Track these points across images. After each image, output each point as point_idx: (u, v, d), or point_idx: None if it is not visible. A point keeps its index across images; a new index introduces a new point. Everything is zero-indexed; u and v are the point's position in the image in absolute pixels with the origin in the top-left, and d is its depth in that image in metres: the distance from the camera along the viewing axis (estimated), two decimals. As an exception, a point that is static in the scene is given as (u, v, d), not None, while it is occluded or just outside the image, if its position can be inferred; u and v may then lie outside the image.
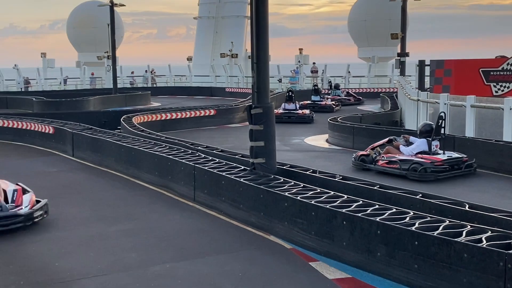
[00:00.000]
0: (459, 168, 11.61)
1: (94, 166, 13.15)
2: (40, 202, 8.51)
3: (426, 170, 11.26)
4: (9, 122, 17.53)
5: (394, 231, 6.04)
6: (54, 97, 28.33)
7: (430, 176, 11.21)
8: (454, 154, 11.90)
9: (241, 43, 44.84)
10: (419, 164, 11.35)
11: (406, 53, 31.21)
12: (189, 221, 8.60)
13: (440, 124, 11.81)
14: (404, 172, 11.45)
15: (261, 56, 9.38)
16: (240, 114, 21.76)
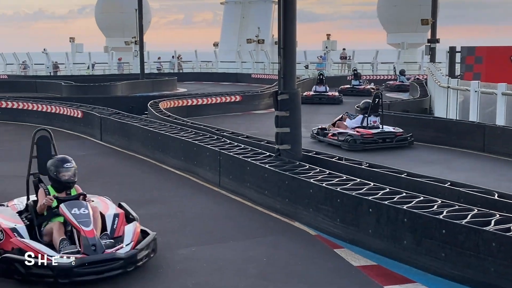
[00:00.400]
0: (391, 141, 13.45)
1: (121, 150, 13.27)
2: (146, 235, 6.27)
3: (356, 141, 13.11)
4: (39, 106, 17.78)
5: (421, 219, 5.97)
6: (82, 82, 28.63)
7: (358, 147, 13.04)
8: (390, 128, 13.75)
9: (267, 28, 44.58)
10: (350, 136, 13.24)
11: (436, 39, 30.66)
12: (214, 206, 8.63)
13: (377, 102, 13.86)
14: (339, 143, 13.31)
15: (288, 41, 9.30)
16: (265, 101, 21.70)
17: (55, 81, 29.69)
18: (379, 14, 46.04)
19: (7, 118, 18.06)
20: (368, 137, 13.26)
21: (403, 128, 14.07)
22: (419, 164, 11.56)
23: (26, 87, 28.41)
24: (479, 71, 18.85)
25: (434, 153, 13.13)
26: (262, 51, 40.78)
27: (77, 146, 14.07)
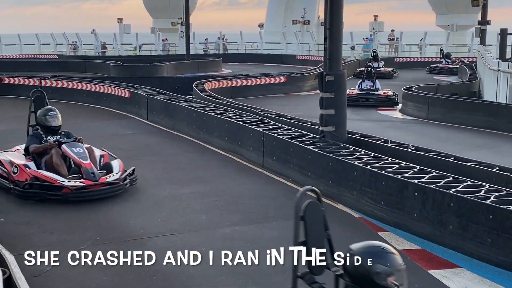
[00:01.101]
0: (373, 100, 17.47)
1: (167, 130, 13.46)
2: None
3: None
4: (87, 85, 18.17)
5: (468, 204, 5.88)
6: (129, 62, 29.05)
7: None
8: (380, 92, 17.69)
9: (313, 9, 44.05)
10: None
11: (487, 21, 29.73)
12: (258, 187, 8.69)
13: (369, 70, 18.20)
14: None
15: (335, 22, 9.21)
16: (310, 82, 21.56)
17: (103, 61, 30.23)
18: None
19: (56, 97, 18.48)
20: (352, 96, 16.84)
21: (452, 111, 13.80)
22: (467, 148, 11.33)
23: (75, 67, 29.03)
24: (532, 54, 18.22)
25: (483, 137, 12.84)
26: (308, 32, 40.39)
27: (124, 125, 14.35)
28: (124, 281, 5.36)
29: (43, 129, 8.51)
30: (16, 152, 8.75)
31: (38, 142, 8.37)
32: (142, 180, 8.99)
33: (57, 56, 36.50)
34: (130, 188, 8.52)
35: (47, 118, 8.49)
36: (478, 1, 30.08)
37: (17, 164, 8.06)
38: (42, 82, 19.17)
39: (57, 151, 8.08)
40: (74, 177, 7.81)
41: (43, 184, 7.70)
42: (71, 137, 8.47)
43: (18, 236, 6.50)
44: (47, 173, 7.84)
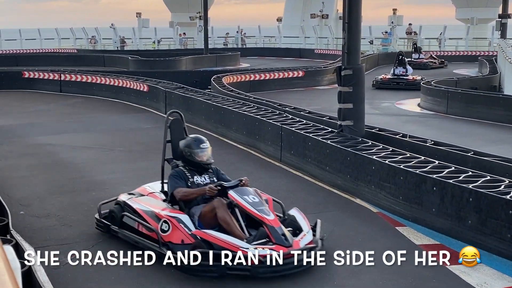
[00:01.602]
0: (403, 84, 20.16)
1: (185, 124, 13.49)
2: None
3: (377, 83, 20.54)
4: (106, 79, 18.31)
5: (487, 199, 5.83)
6: (148, 56, 29.19)
7: (376, 86, 20.31)
8: (410, 77, 20.41)
9: (332, 3, 43.79)
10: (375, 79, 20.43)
11: (508, 14, 29.39)
12: (276, 181, 8.70)
13: (400, 58, 20.95)
14: None
15: (353, 15, 9.16)
16: (328, 76, 21.48)
17: (122, 55, 30.41)
18: (449, -12, 44.35)
19: (75, 91, 18.72)
20: (384, 80, 20.18)
21: (472, 106, 13.67)
22: (487, 142, 11.22)
23: (94, 61, 29.26)
24: (555, 48, 17.94)
25: (503, 132, 12.71)
26: (326, 26, 40.19)
27: (143, 119, 14.44)
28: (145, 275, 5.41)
29: (188, 166, 6.13)
30: (149, 195, 6.42)
31: (184, 184, 5.98)
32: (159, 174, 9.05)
33: (77, 50, 36.80)
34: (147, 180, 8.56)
35: (197, 152, 6.05)
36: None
37: (166, 218, 5.69)
38: (62, 76, 19.36)
39: (222, 202, 5.63)
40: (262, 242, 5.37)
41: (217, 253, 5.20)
42: (228, 179, 6.09)
43: (38, 229, 6.59)
44: (221, 235, 5.37)
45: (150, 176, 8.85)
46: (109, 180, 8.72)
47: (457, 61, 31.61)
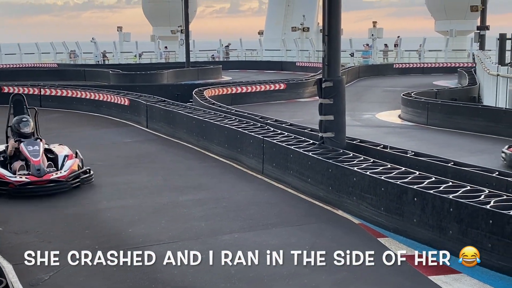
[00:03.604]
0: None
1: (166, 137, 13.46)
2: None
3: None
4: (87, 93, 18.19)
5: (468, 209, 5.86)
6: (129, 70, 29.10)
7: None
8: None
9: (313, 16, 44.15)
10: None
11: (486, 26, 29.79)
12: (258, 193, 8.68)
13: None
14: None
15: (333, 28, 9.22)
16: (310, 89, 21.58)
17: (103, 69, 30.28)
18: (427, 1, 44.88)
19: (56, 106, 18.55)
20: None
21: (451, 117, 13.82)
22: (467, 153, 11.32)
23: (75, 76, 29.08)
24: (532, 59, 18.23)
25: (482, 142, 12.83)
26: (307, 39, 40.45)
27: (124, 133, 14.35)
28: None
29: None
30: None
31: None
32: (142, 187, 9.00)
33: (57, 65, 36.55)
34: (129, 196, 8.51)
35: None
36: (477, 7, 30.18)
37: None
38: (42, 90, 19.19)
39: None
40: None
41: None
42: None
43: (17, 245, 6.48)
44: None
45: (131, 190, 8.82)
46: (89, 195, 8.63)
47: (436, 72, 32.00)
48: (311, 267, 5.81)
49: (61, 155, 9.08)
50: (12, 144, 9.05)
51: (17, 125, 9.32)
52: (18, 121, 9.36)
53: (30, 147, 8.87)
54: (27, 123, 9.35)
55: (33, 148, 8.86)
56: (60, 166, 8.84)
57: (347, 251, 6.22)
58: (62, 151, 9.27)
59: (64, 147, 9.53)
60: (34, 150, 8.81)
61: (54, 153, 9.21)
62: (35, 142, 9.06)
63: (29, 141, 9.01)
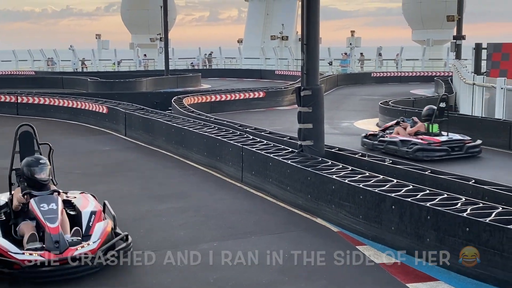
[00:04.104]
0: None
1: (145, 146, 13.40)
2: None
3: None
4: (65, 101, 18.03)
5: (445, 216, 5.92)
6: (108, 78, 28.93)
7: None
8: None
9: (292, 25, 44.45)
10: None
11: (462, 36, 30.27)
12: (237, 201, 8.67)
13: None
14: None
15: (311, 37, 9.29)
16: (289, 97, 21.67)
17: (81, 77, 30.05)
18: (404, 11, 45.59)
19: (33, 114, 18.35)
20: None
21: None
22: (444, 161, 11.43)
23: (52, 83, 28.82)
24: (506, 68, 18.54)
25: (459, 150, 12.95)
26: (286, 48, 40.69)
27: (102, 141, 14.25)
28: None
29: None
30: None
31: None
32: (120, 196, 8.92)
33: (34, 72, 36.21)
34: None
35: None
36: (453, 17, 30.63)
37: None
38: (19, 98, 18.97)
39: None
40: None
41: None
42: None
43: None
44: None
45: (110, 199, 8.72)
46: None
47: (414, 81, 32.39)
48: (290, 276, 5.82)
49: (86, 212, 6.24)
50: (18, 198, 6.18)
51: (29, 169, 6.29)
52: (31, 163, 6.33)
53: (44, 206, 5.98)
54: (44, 168, 6.31)
55: (49, 208, 5.96)
56: (84, 229, 6.03)
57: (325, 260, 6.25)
58: (87, 204, 6.47)
59: (87, 196, 6.80)
60: (51, 211, 5.93)
61: (76, 208, 6.44)
62: (51, 197, 6.12)
63: (42, 197, 6.09)
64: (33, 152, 6.82)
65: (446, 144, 11.71)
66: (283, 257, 6.27)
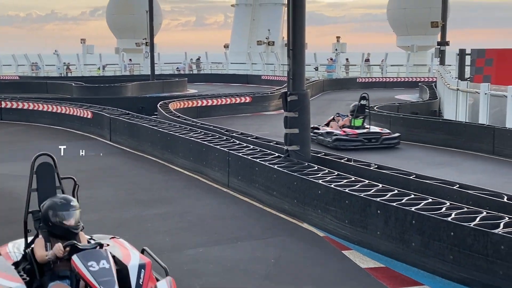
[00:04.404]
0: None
1: (130, 151, 13.33)
2: None
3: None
4: (49, 106, 17.89)
5: (430, 221, 5.95)
6: (93, 83, 28.77)
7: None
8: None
9: (278, 30, 44.56)
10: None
11: (446, 42, 30.52)
12: (223, 207, 8.65)
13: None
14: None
15: (297, 43, 9.31)
16: (275, 102, 21.70)
17: (65, 82, 29.85)
18: (389, 17, 45.88)
19: (17, 119, 18.20)
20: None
21: (413, 130, 14.04)
22: (428, 166, 11.52)
23: (37, 88, 28.59)
24: (489, 74, 18.72)
25: (444, 155, 13.09)
26: (272, 53, 40.76)
27: (87, 146, 14.13)
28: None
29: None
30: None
31: None
32: (105, 202, 8.86)
33: (19, 77, 35.91)
34: (92, 210, 8.35)
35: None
36: (437, 23, 30.87)
37: None
38: (3, 103, 18.80)
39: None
40: None
41: None
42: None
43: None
44: None
45: (94, 205, 8.66)
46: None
47: (398, 87, 32.60)
48: (276, 281, 5.81)
49: (133, 266, 4.33)
50: (57, 251, 4.34)
51: (56, 213, 4.51)
52: (58, 207, 4.54)
53: (93, 265, 4.15)
54: (73, 211, 4.55)
55: (100, 267, 4.15)
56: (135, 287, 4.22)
57: (310, 265, 6.25)
58: (128, 256, 4.46)
59: (123, 242, 4.77)
60: (104, 271, 4.13)
61: (116, 260, 4.41)
62: (99, 253, 4.27)
63: (88, 252, 4.25)
64: (54, 189, 5.01)
65: (362, 136, 13.64)
66: (269, 262, 6.27)
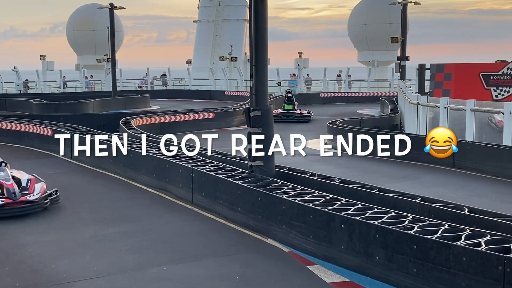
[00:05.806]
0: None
1: (92, 169, 13.09)
2: None
3: None
4: (8, 124, 17.48)
5: (393, 234, 6.00)
6: (53, 100, 28.26)
7: None
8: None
9: (240, 46, 44.77)
10: None
11: (406, 57, 31.15)
12: (187, 224, 8.55)
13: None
14: None
15: (260, 58, 9.34)
16: (239, 117, 21.71)
17: (25, 99, 29.27)
18: (350, 33, 46.63)
19: (-26, 137, 17.70)
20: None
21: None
22: (391, 179, 11.67)
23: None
24: (448, 88, 19.18)
25: (405, 168, 13.27)
26: (235, 69, 40.90)
27: (47, 164, 13.85)
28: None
29: None
30: None
31: None
32: (66, 221, 8.67)
33: (-24, 94, 35.01)
34: (53, 229, 8.19)
35: None
36: (397, 38, 31.48)
37: None
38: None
39: None
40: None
41: None
42: None
43: None
44: None
45: (54, 224, 8.47)
46: (10, 230, 8.22)
47: (360, 101, 33.07)
48: (241, 298, 5.75)
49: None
50: None
51: None
52: None
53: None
54: None
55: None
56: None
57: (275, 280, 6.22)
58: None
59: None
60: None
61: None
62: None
63: None
64: None
65: (282, 114, 22.46)
66: (234, 279, 6.21)
